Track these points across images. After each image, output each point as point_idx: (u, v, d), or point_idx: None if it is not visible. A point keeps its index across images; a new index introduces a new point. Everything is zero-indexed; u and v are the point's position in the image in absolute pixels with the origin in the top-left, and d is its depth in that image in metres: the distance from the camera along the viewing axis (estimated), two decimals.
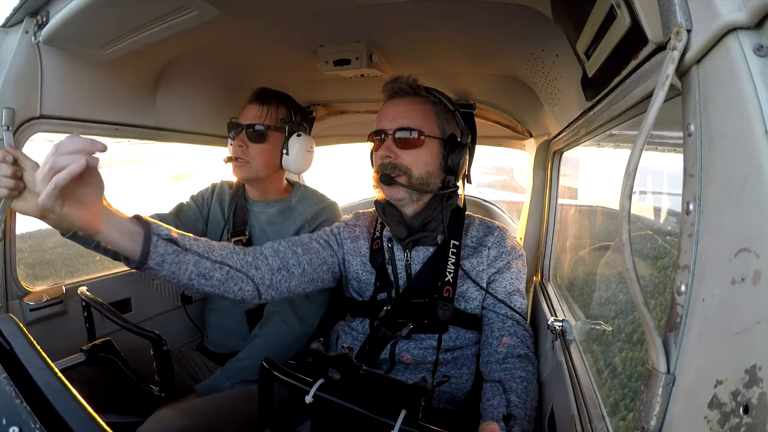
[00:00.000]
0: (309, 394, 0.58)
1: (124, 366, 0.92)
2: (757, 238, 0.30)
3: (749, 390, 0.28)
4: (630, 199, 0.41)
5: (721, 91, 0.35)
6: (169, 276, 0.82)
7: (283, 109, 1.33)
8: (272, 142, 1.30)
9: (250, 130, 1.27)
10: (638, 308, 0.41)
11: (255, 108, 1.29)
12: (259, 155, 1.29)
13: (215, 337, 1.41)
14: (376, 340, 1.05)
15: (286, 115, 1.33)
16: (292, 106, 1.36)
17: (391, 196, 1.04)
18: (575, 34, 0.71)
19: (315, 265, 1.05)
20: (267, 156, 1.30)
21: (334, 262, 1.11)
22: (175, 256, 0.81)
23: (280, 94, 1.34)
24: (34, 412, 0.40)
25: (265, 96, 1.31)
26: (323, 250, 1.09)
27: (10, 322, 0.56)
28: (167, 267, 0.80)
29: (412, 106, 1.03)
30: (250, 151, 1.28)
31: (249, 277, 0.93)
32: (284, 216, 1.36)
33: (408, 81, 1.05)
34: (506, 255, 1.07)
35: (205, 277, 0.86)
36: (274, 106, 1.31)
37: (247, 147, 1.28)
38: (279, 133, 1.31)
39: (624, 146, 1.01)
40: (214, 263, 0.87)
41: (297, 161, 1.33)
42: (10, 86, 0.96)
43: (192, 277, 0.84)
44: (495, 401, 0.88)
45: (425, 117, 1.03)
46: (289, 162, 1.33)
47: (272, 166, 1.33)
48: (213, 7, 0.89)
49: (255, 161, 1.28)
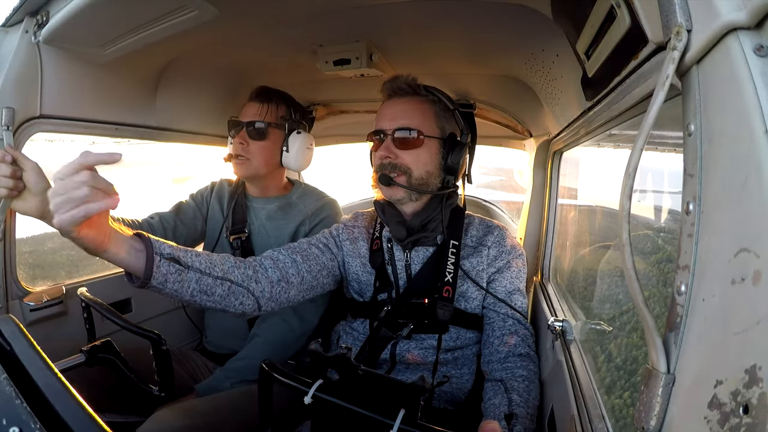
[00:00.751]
0: (308, 395, 0.58)
1: (124, 366, 0.92)
2: (757, 238, 0.30)
3: (749, 390, 0.28)
4: (630, 199, 0.41)
5: (721, 91, 0.35)
6: (172, 293, 0.82)
7: (283, 107, 1.34)
8: (272, 140, 1.31)
9: (251, 128, 1.28)
10: (638, 308, 0.41)
11: (255, 106, 1.29)
12: (260, 152, 1.29)
13: (214, 338, 1.41)
14: (376, 340, 1.05)
15: (286, 113, 1.34)
16: (291, 104, 1.36)
17: (390, 196, 1.03)
18: (575, 34, 0.71)
19: (314, 272, 1.05)
20: (267, 153, 1.30)
21: (333, 266, 1.11)
22: (178, 275, 0.81)
23: (280, 93, 1.35)
24: (34, 413, 0.40)
25: (266, 94, 1.31)
26: (322, 254, 1.09)
27: (10, 322, 0.56)
28: (170, 286, 0.81)
29: (412, 106, 1.03)
30: (251, 148, 1.28)
31: (249, 291, 0.93)
32: (284, 212, 1.36)
33: (407, 80, 1.04)
34: (506, 254, 1.07)
35: (207, 294, 0.86)
36: (275, 103, 1.31)
37: (247, 144, 1.28)
38: (279, 130, 1.32)
39: (624, 146, 1.01)
40: (215, 279, 0.88)
41: (297, 159, 1.33)
42: (10, 86, 0.96)
43: (194, 294, 0.85)
44: (496, 400, 0.88)
45: (424, 116, 1.03)
46: (289, 159, 1.33)
47: (272, 164, 1.33)
48: (213, 7, 0.89)
49: (255, 158, 1.29)
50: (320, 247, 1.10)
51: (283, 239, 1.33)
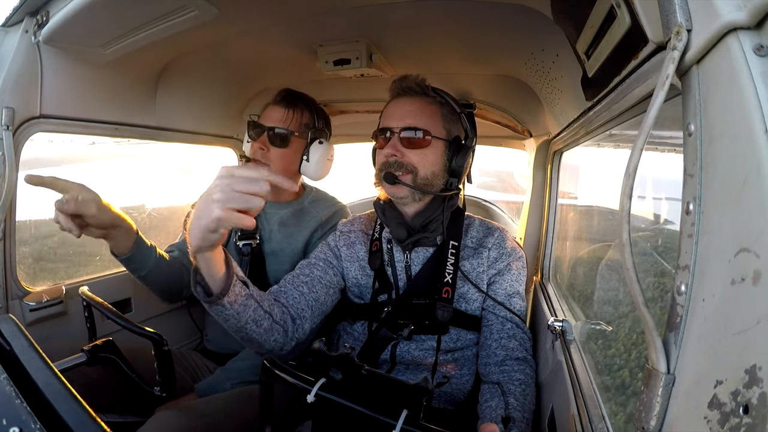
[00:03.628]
0: (311, 394, 0.58)
1: (125, 366, 0.92)
2: (757, 238, 0.30)
3: (749, 390, 0.28)
4: (630, 199, 0.41)
5: (721, 90, 0.35)
6: (232, 315, 0.80)
7: (307, 113, 1.29)
8: (294, 148, 1.27)
9: (272, 133, 1.23)
10: (638, 308, 0.41)
11: (280, 110, 1.25)
12: (279, 159, 1.25)
13: (215, 338, 1.41)
14: (376, 340, 1.05)
15: (310, 120, 1.30)
16: (315, 111, 1.32)
17: (394, 194, 1.03)
18: (575, 34, 0.71)
19: (321, 297, 1.04)
20: (287, 161, 1.27)
21: (337, 280, 1.11)
22: (245, 299, 0.81)
23: (305, 98, 1.31)
24: (34, 413, 0.40)
25: (291, 99, 1.27)
26: (325, 274, 1.08)
27: (10, 322, 0.57)
28: (235, 307, 0.79)
29: (420, 106, 1.03)
30: (271, 154, 1.24)
31: (285, 330, 0.91)
32: (297, 218, 1.34)
33: (416, 80, 1.04)
34: (506, 256, 1.07)
35: (257, 324, 0.85)
36: (299, 110, 1.27)
37: (267, 150, 1.24)
38: (301, 138, 1.28)
39: (624, 146, 1.01)
40: (264, 312, 0.87)
41: (317, 169, 1.30)
42: (10, 86, 0.96)
43: (248, 322, 0.83)
44: (493, 403, 0.88)
45: (432, 118, 1.02)
46: (309, 168, 1.30)
47: (291, 171, 1.30)
48: (213, 7, 0.89)
49: (274, 165, 1.24)
50: (321, 266, 1.09)
51: (297, 246, 1.31)
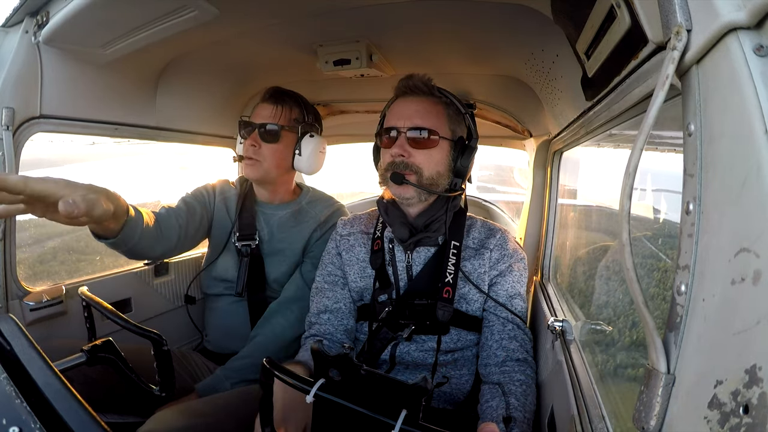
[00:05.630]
0: (310, 394, 0.58)
1: (124, 366, 0.92)
2: (757, 238, 0.30)
3: (749, 390, 0.28)
4: (630, 199, 0.41)
5: (721, 90, 0.35)
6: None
7: (296, 108, 1.31)
8: (285, 143, 1.29)
9: (263, 130, 1.26)
10: (638, 308, 0.41)
11: (268, 107, 1.27)
12: (272, 155, 1.27)
13: (215, 338, 1.41)
14: (377, 340, 1.05)
15: (299, 115, 1.32)
16: (305, 106, 1.34)
17: (401, 194, 1.02)
18: (575, 34, 0.71)
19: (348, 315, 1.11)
20: (279, 156, 1.29)
21: (348, 288, 1.14)
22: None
23: (293, 94, 1.33)
24: (34, 412, 0.40)
25: (279, 95, 1.29)
26: (343, 289, 1.13)
27: (10, 322, 0.57)
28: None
29: (426, 106, 1.02)
30: (263, 150, 1.26)
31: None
32: (296, 219, 1.35)
33: (423, 79, 1.04)
34: (508, 258, 1.07)
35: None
36: (288, 105, 1.29)
37: (259, 147, 1.26)
38: (292, 133, 1.30)
39: (624, 146, 1.01)
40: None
41: (309, 162, 1.32)
42: (10, 86, 0.96)
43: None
44: (494, 403, 0.88)
45: (439, 118, 1.02)
46: (301, 163, 1.32)
47: (284, 167, 1.32)
48: (213, 7, 0.89)
49: (267, 161, 1.27)
50: (339, 282, 1.14)
51: (296, 247, 1.32)
